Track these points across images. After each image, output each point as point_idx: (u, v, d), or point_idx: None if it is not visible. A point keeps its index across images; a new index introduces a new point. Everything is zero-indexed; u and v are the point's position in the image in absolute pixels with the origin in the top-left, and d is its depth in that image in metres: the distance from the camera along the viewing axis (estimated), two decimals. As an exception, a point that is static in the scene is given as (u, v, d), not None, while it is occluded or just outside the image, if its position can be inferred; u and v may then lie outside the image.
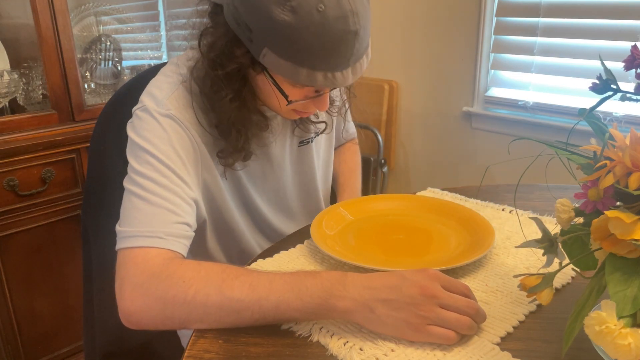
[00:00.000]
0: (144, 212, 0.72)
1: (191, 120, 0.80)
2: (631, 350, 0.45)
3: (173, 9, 2.22)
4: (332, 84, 0.73)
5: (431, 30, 1.93)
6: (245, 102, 0.80)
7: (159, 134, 0.77)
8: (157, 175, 0.75)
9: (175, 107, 0.79)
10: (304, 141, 1.01)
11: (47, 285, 1.60)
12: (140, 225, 0.71)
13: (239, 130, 0.82)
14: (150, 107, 0.79)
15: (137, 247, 0.70)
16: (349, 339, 0.62)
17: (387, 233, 0.91)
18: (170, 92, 0.81)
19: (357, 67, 0.75)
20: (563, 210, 0.57)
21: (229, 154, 0.83)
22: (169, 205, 0.74)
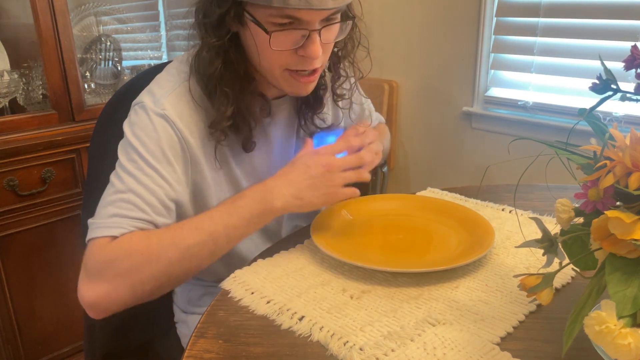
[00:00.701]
0: (114, 205, 0.76)
1: (186, 120, 0.81)
2: (631, 350, 0.45)
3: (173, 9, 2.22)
4: (306, 3, 0.71)
5: (431, 30, 1.93)
6: (231, 62, 0.80)
7: (150, 134, 0.79)
8: (140, 174, 0.77)
9: (171, 106, 0.80)
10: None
11: (47, 285, 1.60)
12: (106, 216, 0.75)
13: (225, 92, 0.81)
14: (147, 105, 0.80)
15: (97, 237, 0.73)
16: (349, 338, 0.62)
17: (387, 233, 0.91)
18: (170, 90, 0.82)
19: None
20: (563, 210, 0.57)
21: (218, 123, 0.81)
22: (140, 204, 0.76)
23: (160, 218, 0.77)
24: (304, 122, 0.97)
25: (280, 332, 0.65)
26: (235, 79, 0.81)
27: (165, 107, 0.80)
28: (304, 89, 0.85)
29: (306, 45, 0.77)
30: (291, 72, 0.81)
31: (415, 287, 0.73)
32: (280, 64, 0.80)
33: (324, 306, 0.69)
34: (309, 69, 0.81)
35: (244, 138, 0.86)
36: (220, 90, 0.81)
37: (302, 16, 0.74)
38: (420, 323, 0.65)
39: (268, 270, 0.79)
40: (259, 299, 0.71)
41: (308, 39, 0.77)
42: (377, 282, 0.75)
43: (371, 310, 0.68)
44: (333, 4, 0.74)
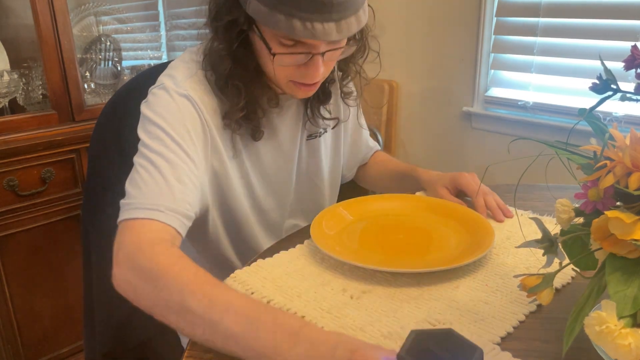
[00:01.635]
0: (148, 186, 0.74)
1: (206, 103, 0.83)
2: (631, 350, 0.45)
3: (173, 9, 2.22)
4: (311, 34, 0.73)
5: (431, 30, 1.93)
6: (238, 57, 0.82)
7: (174, 112, 0.79)
8: (167, 151, 0.76)
9: (192, 88, 0.82)
10: (313, 135, 1.02)
11: (47, 285, 1.60)
12: (142, 197, 0.73)
13: (236, 86, 0.83)
14: (169, 86, 0.81)
15: (136, 218, 0.71)
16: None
17: (387, 233, 0.91)
18: (188, 75, 0.84)
19: (342, 25, 0.74)
20: (563, 210, 0.57)
21: (231, 114, 0.84)
22: (173, 182, 0.75)
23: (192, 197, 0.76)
24: (311, 114, 0.98)
25: (280, 332, 0.65)
26: (246, 73, 0.83)
27: (187, 89, 0.82)
28: (303, 94, 0.87)
29: (308, 65, 0.80)
30: (294, 81, 0.84)
31: (415, 287, 0.73)
32: (284, 75, 0.83)
33: (324, 306, 0.69)
34: (310, 83, 0.83)
35: (253, 127, 0.88)
36: (232, 84, 0.83)
37: (307, 42, 0.76)
38: (420, 323, 0.65)
39: (268, 270, 0.79)
40: (259, 299, 0.71)
41: (311, 60, 0.79)
42: (377, 282, 0.75)
43: (371, 310, 0.68)
44: (338, 36, 0.75)
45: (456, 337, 0.48)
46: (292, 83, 0.84)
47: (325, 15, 0.72)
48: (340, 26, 0.74)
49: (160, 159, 0.76)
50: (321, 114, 0.99)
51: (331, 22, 0.73)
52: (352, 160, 1.19)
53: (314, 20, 0.72)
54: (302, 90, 0.85)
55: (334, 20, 0.73)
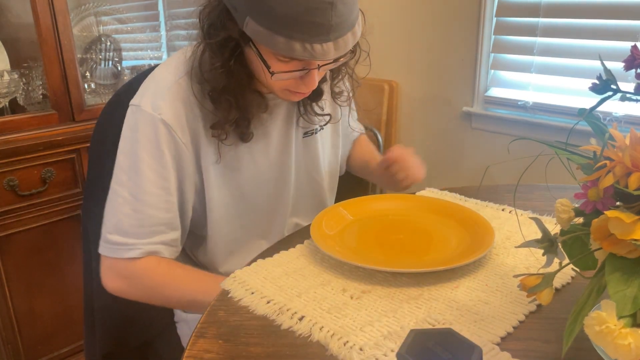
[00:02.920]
0: (128, 218, 0.83)
1: (182, 121, 0.85)
2: (631, 350, 0.45)
3: (173, 9, 2.22)
4: (311, 55, 0.74)
5: (431, 30, 1.93)
6: (233, 73, 0.82)
7: (150, 138, 0.82)
8: (143, 181, 0.82)
9: (168, 107, 0.83)
10: (309, 132, 1.02)
11: (47, 285, 1.60)
12: (124, 234, 0.84)
13: (228, 100, 0.84)
14: (145, 109, 0.83)
15: (120, 258, 0.84)
16: (349, 339, 0.62)
17: (387, 233, 0.91)
18: (165, 88, 0.85)
19: (339, 43, 0.75)
20: (563, 210, 0.57)
21: (220, 125, 0.85)
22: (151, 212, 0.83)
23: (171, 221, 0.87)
24: (304, 111, 0.98)
25: (280, 332, 0.65)
26: (238, 86, 0.84)
27: (162, 111, 0.83)
28: (297, 98, 0.89)
29: (305, 78, 0.81)
30: (290, 90, 0.85)
31: (415, 287, 0.73)
32: (279, 86, 0.84)
33: (324, 306, 0.69)
34: (305, 92, 0.86)
35: (241, 132, 0.89)
36: (225, 99, 0.84)
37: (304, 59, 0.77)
38: (420, 323, 0.65)
39: (268, 270, 0.79)
40: (259, 299, 0.71)
41: (307, 74, 0.81)
42: (377, 282, 0.75)
43: (371, 310, 0.68)
44: (336, 54, 0.76)
45: (455, 336, 0.48)
46: (287, 91, 0.85)
47: (323, 37, 0.73)
48: (338, 44, 0.75)
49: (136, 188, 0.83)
50: (314, 111, 0.99)
51: (329, 42, 0.74)
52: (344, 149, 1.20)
53: (314, 42, 0.73)
54: (296, 96, 0.87)
55: (331, 40, 0.74)
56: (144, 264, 0.85)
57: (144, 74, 1.16)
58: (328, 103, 1.05)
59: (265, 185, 0.98)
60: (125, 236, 0.84)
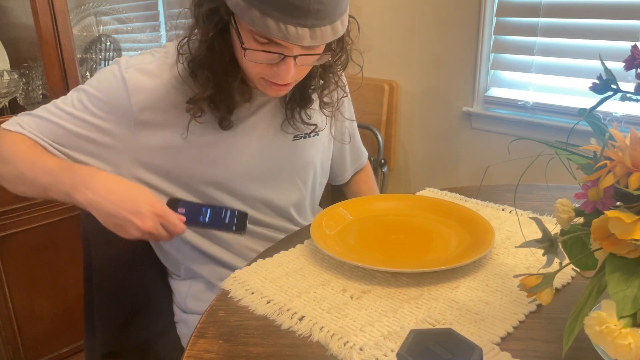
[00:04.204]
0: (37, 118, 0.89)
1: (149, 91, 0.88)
2: (631, 350, 0.45)
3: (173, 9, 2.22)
4: (284, 36, 0.74)
5: (431, 30, 1.93)
6: (214, 47, 0.83)
7: (104, 85, 0.88)
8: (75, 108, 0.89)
9: (137, 74, 0.88)
10: (299, 135, 1.01)
11: (47, 285, 1.60)
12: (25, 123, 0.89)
13: (206, 76, 0.85)
14: (120, 62, 0.89)
15: (9, 129, 0.89)
16: (349, 339, 0.62)
17: (387, 233, 0.91)
18: (146, 62, 0.90)
19: (316, 33, 0.75)
20: (563, 210, 0.57)
21: (196, 101, 0.87)
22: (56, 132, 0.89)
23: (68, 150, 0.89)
24: (290, 115, 0.98)
25: (280, 332, 0.65)
26: (219, 64, 0.85)
27: (130, 73, 0.87)
28: (274, 93, 0.88)
29: (280, 65, 0.81)
30: (265, 79, 0.85)
31: (415, 287, 0.73)
32: (255, 71, 0.84)
33: (324, 306, 0.69)
34: (280, 83, 0.85)
35: (221, 117, 0.90)
36: (202, 73, 0.85)
37: (281, 42, 0.77)
38: (420, 323, 0.65)
39: (268, 270, 0.79)
40: (259, 299, 0.71)
41: (282, 61, 0.80)
42: (377, 282, 0.75)
43: (371, 310, 0.68)
44: (311, 42, 0.76)
45: (455, 336, 0.48)
46: (264, 80, 0.85)
47: (300, 20, 0.73)
48: (314, 33, 0.75)
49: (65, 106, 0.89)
50: (301, 118, 0.99)
51: (305, 27, 0.74)
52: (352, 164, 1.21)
53: (288, 22, 0.73)
54: (272, 88, 0.86)
55: (308, 26, 0.74)
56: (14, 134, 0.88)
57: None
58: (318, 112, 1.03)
59: (240, 178, 0.97)
60: (24, 115, 0.90)
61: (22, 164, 0.85)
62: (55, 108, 0.90)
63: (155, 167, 0.92)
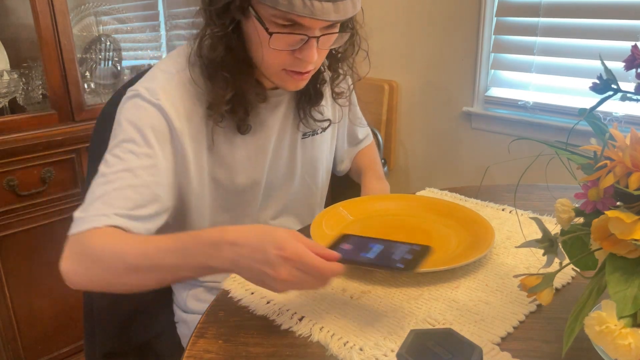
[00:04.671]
0: (101, 195, 0.77)
1: (181, 110, 0.84)
2: (631, 350, 0.45)
3: (173, 9, 2.22)
4: (310, 12, 0.73)
5: (431, 30, 1.93)
6: (232, 48, 0.82)
7: (144, 120, 0.81)
8: (129, 157, 0.79)
9: (166, 96, 0.83)
10: (308, 133, 1.02)
11: (47, 285, 1.59)
12: (92, 210, 0.76)
13: (224, 77, 0.83)
14: (142, 93, 0.83)
15: (84, 230, 0.75)
16: (349, 339, 0.62)
17: (387, 233, 0.90)
18: (165, 81, 0.84)
19: (339, 7, 0.75)
20: (563, 210, 0.57)
21: (216, 105, 0.84)
22: (127, 191, 0.78)
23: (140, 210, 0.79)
24: (303, 115, 0.98)
25: (280, 332, 0.65)
26: (235, 64, 0.83)
27: (160, 98, 0.82)
28: (294, 85, 0.87)
29: (303, 49, 0.80)
30: (286, 70, 0.83)
31: (415, 287, 0.73)
32: (277, 62, 0.82)
33: (323, 306, 0.69)
34: (303, 71, 0.84)
35: (239, 120, 0.88)
36: (221, 75, 0.83)
37: (304, 22, 0.76)
38: (420, 323, 0.65)
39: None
40: (259, 299, 0.71)
41: (306, 43, 0.79)
42: (377, 282, 0.75)
43: (371, 310, 0.68)
44: (335, 16, 0.76)
45: (455, 336, 0.48)
46: (284, 72, 0.83)
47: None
48: (337, 7, 0.75)
49: (121, 164, 0.79)
50: (313, 116, 0.98)
51: (329, 2, 0.74)
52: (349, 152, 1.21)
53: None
54: (293, 79, 0.85)
55: (331, 0, 0.74)
56: (95, 231, 0.74)
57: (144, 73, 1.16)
58: (329, 107, 1.05)
59: (258, 183, 0.97)
60: (84, 210, 0.77)
61: (131, 256, 0.71)
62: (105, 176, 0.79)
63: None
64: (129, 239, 0.74)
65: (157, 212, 0.81)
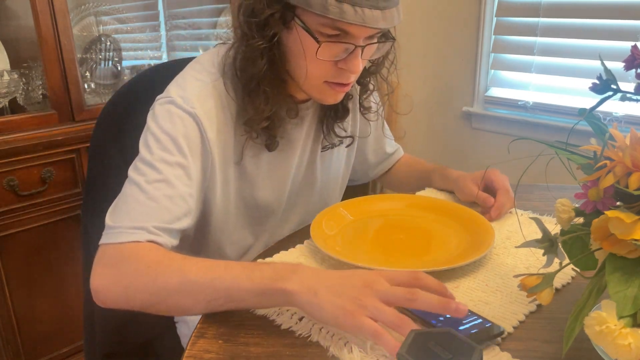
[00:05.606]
0: (138, 205, 0.74)
1: (214, 120, 0.82)
2: (631, 350, 0.45)
3: (173, 9, 2.22)
4: (362, 19, 0.73)
5: (431, 30, 1.93)
6: (275, 62, 0.80)
7: (178, 128, 0.78)
8: (164, 167, 0.76)
9: (200, 106, 0.80)
10: (327, 146, 1.01)
11: (47, 285, 1.59)
12: (129, 220, 0.73)
13: (266, 92, 0.81)
14: (177, 100, 0.80)
15: (123, 242, 0.72)
16: (349, 339, 0.62)
17: (387, 233, 0.91)
18: (199, 89, 0.82)
19: (387, 14, 0.75)
20: (563, 210, 0.57)
21: (254, 121, 0.82)
22: (164, 201, 0.75)
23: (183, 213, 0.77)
24: (326, 130, 0.97)
25: (280, 332, 0.65)
26: (276, 78, 0.82)
27: (195, 106, 0.80)
28: (333, 98, 0.86)
29: (348, 59, 0.79)
30: (327, 82, 0.82)
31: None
32: (321, 74, 0.81)
33: (324, 306, 0.69)
34: (345, 82, 0.83)
35: (269, 137, 0.86)
36: (262, 90, 0.81)
37: (352, 30, 0.76)
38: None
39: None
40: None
41: (351, 53, 0.78)
42: (377, 282, 0.75)
43: (371, 310, 0.68)
44: (383, 24, 0.75)
45: (456, 336, 0.48)
46: (325, 85, 0.82)
47: (373, 2, 0.73)
48: (385, 15, 0.75)
49: (155, 175, 0.76)
50: (335, 131, 0.97)
51: (378, 9, 0.74)
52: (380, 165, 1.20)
53: (364, 5, 0.73)
54: (334, 91, 0.83)
55: (380, 8, 0.74)
56: (135, 246, 0.71)
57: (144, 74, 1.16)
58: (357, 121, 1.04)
59: (280, 199, 0.97)
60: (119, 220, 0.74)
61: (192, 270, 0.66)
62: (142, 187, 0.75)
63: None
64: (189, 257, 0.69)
65: (188, 227, 0.79)
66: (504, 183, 0.97)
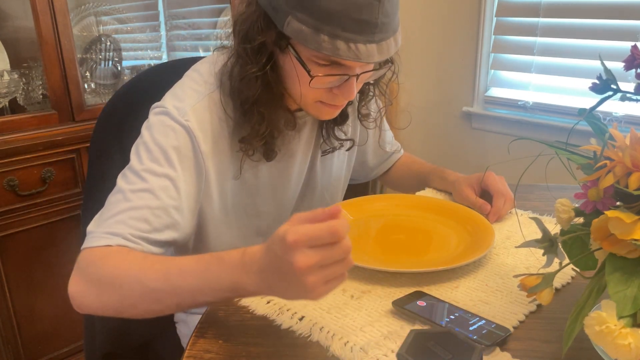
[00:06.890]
0: (119, 213, 0.74)
1: (208, 134, 0.81)
2: (631, 350, 0.45)
3: (173, 9, 2.22)
4: (355, 56, 0.72)
5: (431, 30, 1.93)
6: (270, 84, 0.80)
7: (170, 141, 0.78)
8: (151, 177, 0.76)
9: (195, 118, 0.79)
10: (327, 150, 1.01)
11: (47, 285, 1.59)
12: (106, 226, 0.73)
13: (261, 113, 0.80)
14: (172, 112, 0.79)
15: (97, 246, 0.72)
16: (349, 339, 0.62)
17: (387, 233, 0.91)
18: (195, 101, 0.81)
19: (383, 47, 0.74)
20: (563, 210, 0.57)
21: (250, 140, 0.82)
22: (145, 212, 0.74)
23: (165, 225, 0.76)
24: (326, 135, 0.97)
25: (280, 332, 0.65)
26: (272, 98, 0.81)
27: (190, 119, 0.79)
28: (329, 115, 0.86)
29: (343, 87, 0.78)
30: (322, 102, 0.82)
31: (415, 287, 0.73)
32: (315, 97, 0.81)
33: (324, 306, 0.69)
34: (340, 104, 0.83)
35: (266, 148, 0.86)
36: (257, 111, 0.80)
37: (346, 63, 0.75)
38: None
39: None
40: (259, 299, 0.71)
41: (346, 81, 0.78)
42: (377, 282, 0.75)
43: (371, 310, 0.68)
44: (379, 57, 0.75)
45: (456, 336, 0.48)
46: (320, 104, 0.82)
47: (368, 37, 0.72)
48: (381, 47, 0.74)
49: (142, 184, 0.75)
50: (336, 135, 0.97)
51: (373, 43, 0.73)
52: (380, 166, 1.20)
53: (358, 41, 0.71)
54: (328, 110, 0.84)
55: (375, 41, 0.73)
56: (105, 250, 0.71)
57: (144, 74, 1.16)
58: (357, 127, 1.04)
59: (281, 208, 0.96)
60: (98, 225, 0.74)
61: (150, 279, 0.66)
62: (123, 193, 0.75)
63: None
64: (147, 260, 0.69)
65: (172, 240, 0.78)
66: (499, 186, 0.96)
